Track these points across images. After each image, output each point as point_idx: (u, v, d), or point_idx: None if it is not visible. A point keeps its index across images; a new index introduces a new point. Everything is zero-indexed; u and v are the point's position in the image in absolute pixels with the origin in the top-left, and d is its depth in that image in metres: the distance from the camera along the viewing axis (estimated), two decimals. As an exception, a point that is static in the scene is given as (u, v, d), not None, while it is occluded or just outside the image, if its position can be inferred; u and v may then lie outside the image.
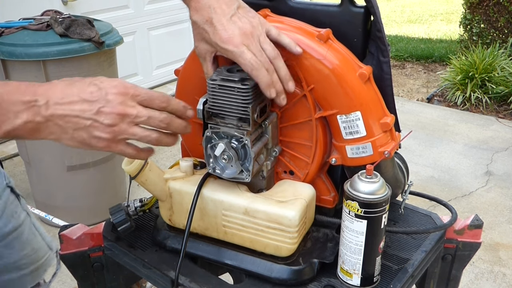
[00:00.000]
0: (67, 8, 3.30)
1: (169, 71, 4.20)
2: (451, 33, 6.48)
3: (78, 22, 2.12)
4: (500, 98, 4.09)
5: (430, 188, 2.85)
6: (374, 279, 0.82)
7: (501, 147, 3.41)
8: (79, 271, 0.99)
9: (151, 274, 0.89)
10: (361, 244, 0.78)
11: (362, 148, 0.81)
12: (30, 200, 2.55)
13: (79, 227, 0.98)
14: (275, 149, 0.89)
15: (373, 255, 0.79)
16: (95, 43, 2.10)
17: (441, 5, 9.01)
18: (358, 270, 0.80)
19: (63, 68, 2.08)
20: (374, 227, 0.77)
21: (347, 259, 0.81)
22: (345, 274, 0.82)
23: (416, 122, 3.82)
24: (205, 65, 0.82)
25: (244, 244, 0.86)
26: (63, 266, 0.99)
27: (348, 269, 0.81)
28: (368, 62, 0.85)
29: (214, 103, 0.80)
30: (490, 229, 2.50)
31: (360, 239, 0.78)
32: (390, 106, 0.85)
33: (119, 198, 2.51)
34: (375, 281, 0.83)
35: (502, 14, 4.59)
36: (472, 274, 2.19)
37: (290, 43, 0.79)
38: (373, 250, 0.79)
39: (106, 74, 2.29)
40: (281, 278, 0.83)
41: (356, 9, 0.83)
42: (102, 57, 2.19)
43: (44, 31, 2.09)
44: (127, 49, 3.65)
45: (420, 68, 5.29)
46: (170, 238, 0.92)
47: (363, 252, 0.79)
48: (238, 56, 0.75)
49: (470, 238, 0.98)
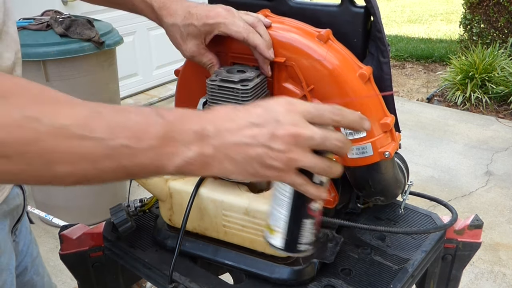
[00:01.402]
0: (67, 8, 3.31)
1: (169, 71, 4.21)
2: (451, 33, 6.48)
3: (78, 22, 2.12)
4: (500, 98, 4.09)
5: (430, 188, 2.86)
6: (301, 247, 0.67)
7: (501, 147, 3.41)
8: (79, 271, 1.00)
9: (151, 274, 0.89)
10: (288, 196, 0.64)
11: (362, 149, 0.81)
12: (30, 200, 2.55)
13: (79, 227, 0.98)
14: (275, 149, 0.88)
15: (300, 214, 0.65)
16: (95, 43, 2.10)
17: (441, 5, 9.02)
18: (281, 228, 0.66)
19: (63, 68, 2.08)
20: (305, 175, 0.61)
21: (272, 211, 0.67)
22: (268, 230, 0.68)
23: (416, 122, 3.82)
24: (204, 58, 0.83)
25: (244, 244, 0.87)
26: (63, 266, 0.99)
27: (272, 224, 0.67)
28: (368, 63, 0.85)
29: (214, 104, 0.80)
30: (490, 229, 2.50)
31: (286, 189, 0.64)
32: (390, 106, 0.85)
33: (119, 198, 2.51)
34: (301, 249, 0.67)
35: (502, 14, 4.59)
36: (472, 274, 2.19)
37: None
38: (300, 207, 0.65)
39: (106, 74, 2.29)
40: (281, 278, 0.83)
41: (356, 9, 0.83)
42: (102, 57, 2.19)
43: (44, 31, 2.09)
44: (127, 49, 3.66)
45: (420, 68, 5.29)
46: (170, 238, 0.92)
47: (289, 206, 0.65)
48: (231, 25, 0.77)
49: (470, 238, 0.98)
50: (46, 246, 2.35)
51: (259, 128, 0.56)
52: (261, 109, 0.58)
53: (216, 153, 0.56)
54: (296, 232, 0.66)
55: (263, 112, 0.57)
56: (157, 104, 4.11)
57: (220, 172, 0.57)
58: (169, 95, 4.19)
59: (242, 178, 0.59)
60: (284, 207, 0.65)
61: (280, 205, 0.65)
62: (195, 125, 0.55)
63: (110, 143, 0.50)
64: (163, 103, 4.13)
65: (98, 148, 0.49)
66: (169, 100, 4.14)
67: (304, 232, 0.66)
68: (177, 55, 0.84)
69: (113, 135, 0.50)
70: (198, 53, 0.82)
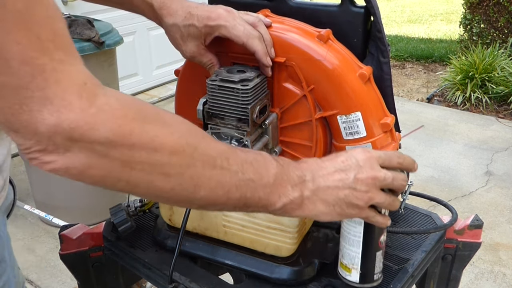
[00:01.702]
0: (67, 8, 3.31)
1: (169, 71, 4.21)
2: (451, 33, 6.48)
3: (78, 22, 2.13)
4: (500, 98, 4.09)
5: (430, 188, 2.85)
6: (375, 276, 0.78)
7: (501, 147, 3.41)
8: (79, 271, 0.99)
9: (151, 274, 0.89)
10: (359, 235, 0.75)
11: (362, 149, 0.81)
12: (30, 200, 2.55)
13: (79, 227, 0.98)
14: (275, 149, 0.89)
15: (373, 248, 0.76)
16: (95, 43, 2.10)
17: (441, 5, 9.01)
18: (357, 264, 0.77)
19: (63, 68, 2.08)
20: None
21: (346, 252, 0.77)
22: (344, 269, 0.78)
23: (416, 122, 3.82)
24: (203, 58, 0.83)
25: (244, 244, 0.86)
26: (63, 266, 0.99)
27: (347, 263, 0.78)
28: (368, 63, 0.85)
29: (214, 104, 0.80)
30: (490, 229, 2.50)
31: (358, 230, 0.75)
32: (390, 106, 0.85)
33: (119, 198, 2.50)
34: (376, 278, 0.79)
35: (502, 14, 4.59)
36: (472, 274, 2.19)
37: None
38: (372, 242, 0.75)
39: (106, 74, 2.29)
40: (281, 278, 0.83)
41: (356, 9, 0.83)
42: (102, 57, 2.19)
43: (44, 31, 2.09)
44: (127, 49, 3.66)
45: (420, 68, 5.29)
46: (170, 238, 0.92)
47: (362, 244, 0.75)
48: (232, 28, 0.78)
49: (470, 238, 0.98)
50: (46, 246, 2.35)
51: (344, 173, 0.65)
52: (343, 157, 0.67)
53: (312, 195, 0.64)
54: (371, 265, 0.77)
55: (346, 159, 0.67)
56: (157, 104, 4.12)
57: (312, 213, 0.65)
58: (169, 95, 4.19)
59: (330, 218, 0.67)
60: (357, 245, 0.75)
61: (353, 245, 0.76)
62: (297, 170, 0.64)
63: (241, 176, 0.58)
64: (163, 103, 4.13)
65: (232, 178, 0.58)
66: (169, 100, 4.14)
67: (377, 263, 0.77)
68: (177, 55, 0.84)
69: (243, 169, 0.59)
70: (198, 54, 0.82)
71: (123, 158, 0.49)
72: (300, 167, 0.65)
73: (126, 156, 0.49)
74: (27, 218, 2.55)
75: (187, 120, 0.57)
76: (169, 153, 0.52)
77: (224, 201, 0.58)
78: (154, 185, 0.53)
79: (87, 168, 0.49)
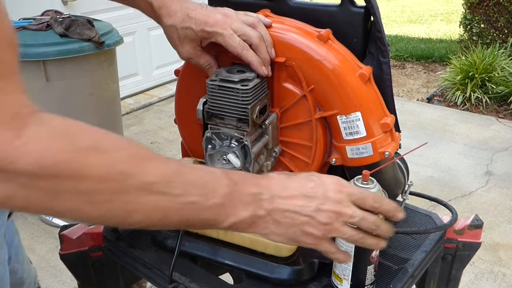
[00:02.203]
0: (67, 8, 3.30)
1: (169, 71, 4.21)
2: (451, 33, 6.48)
3: (78, 22, 2.13)
4: (500, 98, 4.09)
5: (430, 188, 2.85)
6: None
7: (501, 147, 3.41)
8: (79, 271, 1.00)
9: (151, 274, 0.89)
10: (351, 251, 0.75)
11: (362, 149, 0.81)
12: (30, 200, 2.55)
13: (79, 227, 0.98)
14: (275, 149, 0.89)
15: (364, 263, 0.77)
16: (95, 43, 2.10)
17: (441, 5, 9.01)
18: (348, 276, 0.78)
19: (63, 68, 2.08)
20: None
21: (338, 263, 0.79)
22: (336, 278, 0.80)
23: (416, 122, 3.82)
24: (200, 60, 0.83)
25: (244, 244, 0.86)
26: (63, 266, 0.99)
27: (339, 273, 0.79)
28: (368, 63, 0.85)
29: (214, 104, 0.80)
30: (490, 229, 2.50)
31: (350, 245, 0.75)
32: (390, 106, 0.85)
33: (119, 198, 2.51)
34: None
35: (502, 14, 4.59)
36: (472, 274, 2.19)
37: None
38: (364, 258, 0.76)
39: (106, 74, 2.29)
40: (281, 278, 0.83)
41: (356, 9, 0.83)
42: (102, 57, 2.20)
43: (44, 31, 2.10)
44: (127, 49, 3.66)
45: (420, 68, 5.29)
46: (170, 238, 0.92)
47: (353, 258, 0.76)
48: (228, 38, 0.77)
49: (470, 238, 0.98)
50: (46, 246, 2.35)
51: (308, 200, 0.64)
52: (314, 183, 0.66)
53: (266, 215, 0.63)
54: (362, 277, 0.78)
55: (315, 186, 0.65)
56: (157, 104, 4.12)
57: (263, 231, 0.64)
58: (169, 95, 4.19)
59: (281, 240, 0.66)
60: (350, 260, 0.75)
61: None
62: (254, 188, 0.63)
63: (182, 199, 0.57)
64: (163, 103, 4.13)
65: (171, 203, 0.56)
66: (169, 100, 4.14)
67: (368, 276, 0.78)
68: (177, 55, 0.84)
69: (187, 192, 0.57)
70: (194, 55, 0.82)
71: (47, 189, 0.49)
72: (258, 184, 0.64)
73: (50, 187, 0.49)
74: (27, 218, 2.55)
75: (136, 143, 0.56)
76: (97, 182, 0.51)
77: (164, 223, 0.58)
78: (82, 213, 0.52)
79: (7, 199, 0.48)
